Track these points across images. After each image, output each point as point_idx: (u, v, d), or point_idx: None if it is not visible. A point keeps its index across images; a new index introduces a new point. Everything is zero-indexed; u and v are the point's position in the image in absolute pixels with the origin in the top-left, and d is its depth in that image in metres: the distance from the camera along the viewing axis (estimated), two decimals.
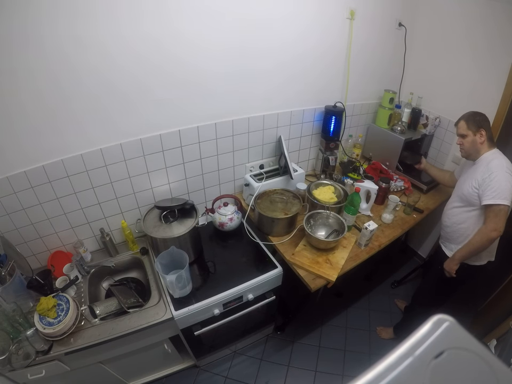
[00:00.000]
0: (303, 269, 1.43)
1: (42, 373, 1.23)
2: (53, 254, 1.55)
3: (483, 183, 1.37)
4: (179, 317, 1.35)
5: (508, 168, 1.34)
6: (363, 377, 0.25)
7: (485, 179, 1.37)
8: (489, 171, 1.36)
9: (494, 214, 1.34)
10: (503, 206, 1.31)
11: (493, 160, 1.40)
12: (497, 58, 1.70)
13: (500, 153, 1.44)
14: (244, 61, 1.54)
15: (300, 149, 2.10)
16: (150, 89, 1.38)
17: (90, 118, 1.32)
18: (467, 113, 1.49)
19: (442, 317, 0.28)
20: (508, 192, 1.30)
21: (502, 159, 1.39)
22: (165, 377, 1.81)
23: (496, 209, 1.32)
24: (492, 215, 1.34)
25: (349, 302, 2.28)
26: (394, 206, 1.74)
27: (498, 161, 1.38)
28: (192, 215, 1.58)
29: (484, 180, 1.37)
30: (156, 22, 1.25)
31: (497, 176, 1.33)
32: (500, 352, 1.40)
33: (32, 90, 1.16)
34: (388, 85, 2.16)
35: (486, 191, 1.35)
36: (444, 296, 1.73)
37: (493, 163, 1.38)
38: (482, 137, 1.43)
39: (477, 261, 1.53)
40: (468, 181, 1.48)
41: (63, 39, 1.12)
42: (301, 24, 1.61)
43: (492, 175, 1.34)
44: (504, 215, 1.32)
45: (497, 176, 1.33)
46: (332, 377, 1.84)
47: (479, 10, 1.73)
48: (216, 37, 1.41)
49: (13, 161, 1.26)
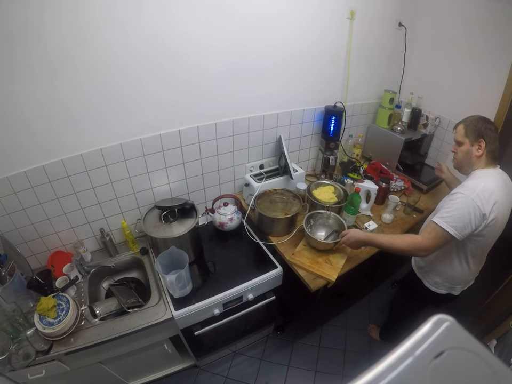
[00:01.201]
0: (303, 269, 1.43)
1: (42, 373, 1.23)
2: (53, 254, 1.55)
3: (446, 199, 1.19)
4: (179, 317, 1.35)
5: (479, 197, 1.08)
6: (363, 377, 0.25)
7: (450, 195, 1.17)
8: (457, 189, 1.15)
9: (434, 234, 1.13)
10: (445, 232, 1.11)
11: (473, 179, 1.16)
12: (497, 58, 1.70)
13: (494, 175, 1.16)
14: (244, 60, 1.54)
15: (300, 149, 2.10)
16: (150, 88, 1.38)
17: (90, 118, 1.32)
18: (471, 116, 1.25)
19: (442, 317, 0.28)
20: (460, 223, 1.09)
21: (483, 182, 1.12)
22: (165, 377, 1.81)
23: (437, 230, 1.12)
24: (432, 234, 1.14)
25: (349, 302, 2.28)
26: (394, 206, 1.74)
27: (475, 183, 1.13)
28: (192, 215, 1.58)
29: (449, 195, 1.18)
30: (158, 17, 1.25)
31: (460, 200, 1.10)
32: (500, 352, 1.40)
33: (31, 90, 1.16)
34: (388, 85, 2.16)
35: (442, 208, 1.16)
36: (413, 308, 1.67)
37: (468, 183, 1.15)
38: (479, 150, 1.19)
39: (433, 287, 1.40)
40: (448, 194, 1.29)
41: (64, 36, 1.12)
42: (300, 24, 1.61)
43: (456, 195, 1.13)
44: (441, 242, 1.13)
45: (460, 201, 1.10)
46: (331, 377, 1.84)
47: (479, 10, 1.73)
48: (217, 34, 1.40)
49: (13, 161, 1.26)
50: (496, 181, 1.15)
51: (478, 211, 1.08)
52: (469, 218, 1.09)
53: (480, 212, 1.08)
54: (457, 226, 1.10)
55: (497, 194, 1.11)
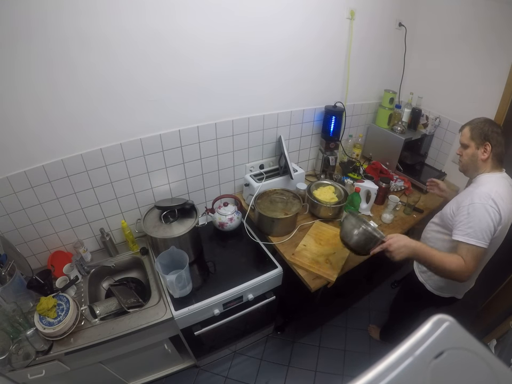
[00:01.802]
0: (303, 269, 1.43)
1: (42, 373, 1.23)
2: (53, 254, 1.55)
3: (461, 212, 1.14)
4: (179, 317, 1.35)
5: (494, 200, 1.08)
6: (363, 377, 0.25)
7: (463, 208, 1.13)
8: (470, 199, 1.12)
9: (465, 253, 1.08)
10: (477, 247, 1.07)
11: (482, 185, 1.14)
12: (497, 58, 1.70)
13: (500, 179, 1.16)
14: (243, 61, 1.54)
15: (300, 149, 2.10)
16: (150, 89, 1.38)
17: (90, 117, 1.32)
18: (477, 119, 1.23)
19: (442, 317, 0.28)
20: (487, 232, 1.07)
21: (493, 186, 1.12)
22: (165, 377, 1.81)
23: (469, 248, 1.08)
24: (464, 254, 1.08)
25: (349, 302, 2.28)
26: (394, 206, 1.74)
27: (487, 189, 1.11)
28: (192, 215, 1.58)
29: (462, 209, 1.14)
30: (158, 18, 1.25)
31: (477, 209, 1.09)
32: (500, 352, 1.40)
33: (31, 90, 1.16)
34: (388, 85, 2.16)
35: (461, 224, 1.12)
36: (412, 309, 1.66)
37: (479, 190, 1.13)
38: (485, 153, 1.17)
39: (438, 291, 1.38)
40: (452, 200, 1.27)
41: (66, 37, 1.12)
42: (300, 24, 1.61)
43: (472, 206, 1.10)
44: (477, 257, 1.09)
45: (477, 210, 1.08)
46: (331, 377, 1.84)
47: (479, 10, 1.73)
48: (217, 34, 1.41)
49: (13, 161, 1.26)
50: (505, 186, 1.14)
51: (497, 215, 1.08)
52: (492, 225, 1.08)
53: (499, 215, 1.08)
54: (486, 237, 1.08)
55: (506, 198, 1.11)
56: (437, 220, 1.35)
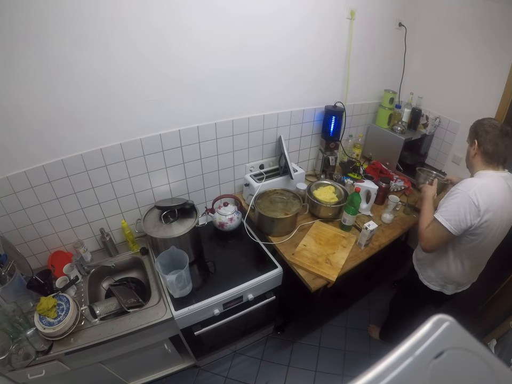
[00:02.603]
0: (303, 269, 1.43)
1: (42, 373, 1.23)
2: (53, 254, 1.55)
3: (446, 195, 1.23)
4: (179, 317, 1.35)
5: (476, 193, 1.10)
6: (363, 377, 0.25)
7: (451, 191, 1.20)
8: (457, 185, 1.18)
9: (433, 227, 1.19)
10: (442, 227, 1.15)
11: (474, 178, 1.20)
12: (497, 58, 1.70)
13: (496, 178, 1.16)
14: (244, 62, 1.54)
15: (300, 149, 2.10)
16: (150, 89, 1.38)
17: (90, 118, 1.32)
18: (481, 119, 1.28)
19: (442, 317, 0.28)
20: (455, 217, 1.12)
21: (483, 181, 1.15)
22: (165, 377, 1.81)
23: (437, 224, 1.17)
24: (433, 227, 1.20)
25: (349, 302, 2.28)
26: (394, 206, 1.74)
27: (475, 181, 1.16)
28: (192, 215, 1.58)
29: (449, 192, 1.21)
30: (159, 19, 1.25)
31: (457, 194, 1.14)
32: (500, 352, 1.40)
33: (32, 90, 1.16)
34: (388, 85, 2.16)
35: (442, 204, 1.21)
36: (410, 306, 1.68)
37: (467, 179, 1.19)
38: (473, 150, 1.23)
39: (426, 280, 1.43)
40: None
41: (63, 37, 1.12)
42: (300, 24, 1.61)
43: (455, 191, 1.17)
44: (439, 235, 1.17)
45: (457, 195, 1.14)
46: (331, 377, 1.84)
47: (478, 10, 1.73)
48: (218, 36, 1.41)
49: (13, 161, 1.26)
50: (499, 183, 1.14)
51: (473, 206, 1.10)
52: (464, 213, 1.11)
53: (475, 207, 1.10)
54: (452, 220, 1.13)
55: (496, 196, 1.11)
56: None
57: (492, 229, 1.15)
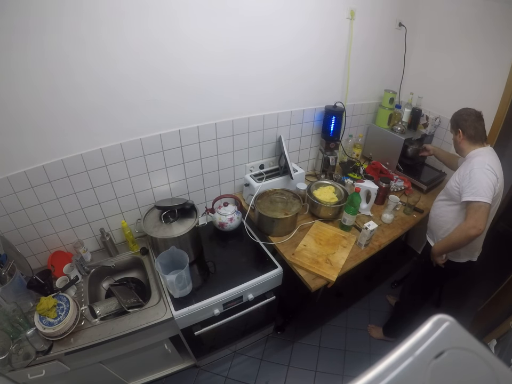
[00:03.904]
0: (303, 269, 1.43)
1: (42, 373, 1.23)
2: (53, 254, 1.55)
3: (464, 179, 1.35)
4: (179, 317, 1.35)
5: (489, 165, 1.30)
6: (363, 377, 0.25)
7: (465, 175, 1.34)
8: (470, 167, 1.34)
9: (473, 211, 1.29)
10: (482, 203, 1.26)
11: (475, 157, 1.37)
12: (497, 58, 1.71)
13: (488, 151, 1.39)
14: (243, 61, 1.54)
15: (300, 149, 2.10)
16: (150, 90, 1.38)
17: (90, 118, 1.32)
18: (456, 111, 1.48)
19: (442, 317, 0.28)
20: (488, 190, 1.27)
21: (485, 156, 1.35)
22: (165, 377, 1.81)
23: (475, 205, 1.28)
24: (472, 212, 1.29)
25: (349, 302, 2.28)
26: (395, 206, 1.74)
27: (481, 158, 1.35)
28: (192, 215, 1.58)
29: (464, 176, 1.35)
30: (157, 23, 1.25)
31: (477, 173, 1.30)
32: (500, 352, 1.40)
33: (32, 90, 1.16)
34: (388, 85, 2.16)
35: (466, 188, 1.32)
36: (427, 289, 1.74)
37: (475, 160, 1.36)
38: (459, 137, 1.44)
39: (455, 258, 1.51)
40: (454, 174, 1.47)
41: (63, 38, 1.12)
42: (300, 24, 1.61)
43: (472, 172, 1.31)
44: (484, 212, 1.27)
45: (477, 173, 1.30)
46: (331, 377, 1.84)
47: (478, 10, 1.73)
48: (217, 38, 1.41)
49: (13, 161, 1.26)
50: (493, 156, 1.38)
51: (493, 175, 1.29)
52: (491, 183, 1.28)
53: (494, 175, 1.29)
54: (488, 194, 1.26)
55: (498, 164, 1.35)
56: (443, 196, 1.54)
57: (500, 192, 1.35)
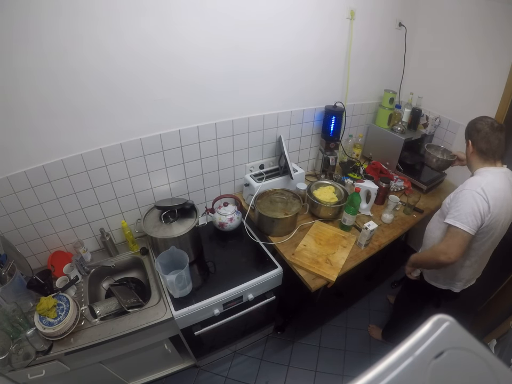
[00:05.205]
0: (303, 269, 1.43)
1: (42, 373, 1.23)
2: (53, 254, 1.55)
3: (453, 199, 1.22)
4: (179, 317, 1.35)
5: (483, 189, 1.12)
6: (363, 377, 0.25)
7: (456, 194, 1.21)
8: (462, 187, 1.19)
9: (449, 236, 1.17)
10: (460, 230, 1.12)
11: (478, 175, 1.21)
12: (497, 59, 1.70)
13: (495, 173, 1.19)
14: (243, 61, 1.54)
15: (300, 149, 2.10)
16: (149, 89, 1.38)
17: (90, 118, 1.32)
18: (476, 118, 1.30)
19: (442, 317, 0.28)
20: (470, 216, 1.11)
21: (486, 177, 1.17)
22: (165, 377, 1.81)
23: (453, 231, 1.15)
24: (448, 236, 1.17)
25: (349, 302, 2.28)
26: (394, 206, 1.74)
27: (480, 178, 1.17)
28: (192, 215, 1.58)
29: (455, 195, 1.22)
30: (154, 21, 1.25)
31: (465, 194, 1.15)
32: (500, 352, 1.40)
33: (32, 90, 1.16)
34: (388, 85, 2.16)
35: (451, 209, 1.19)
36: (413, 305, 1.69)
37: (472, 179, 1.20)
38: (469, 149, 1.27)
39: (433, 280, 1.43)
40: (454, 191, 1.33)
41: (63, 37, 1.12)
42: (300, 24, 1.61)
43: (461, 192, 1.17)
44: (460, 241, 1.13)
45: (465, 195, 1.14)
46: (331, 377, 1.84)
47: (479, 10, 1.73)
48: (215, 37, 1.40)
49: (13, 161, 1.26)
50: (501, 179, 1.17)
51: (484, 202, 1.11)
52: (477, 210, 1.11)
53: (486, 203, 1.11)
54: (470, 221, 1.12)
55: (503, 192, 1.14)
56: (438, 211, 1.41)
57: (499, 224, 1.17)
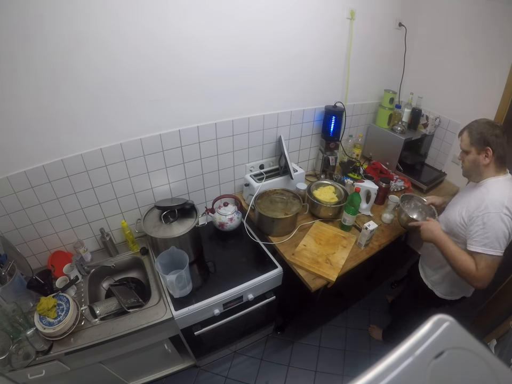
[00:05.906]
0: (303, 269, 1.43)
1: (42, 373, 1.23)
2: (53, 254, 1.55)
3: (474, 222, 1.12)
4: (179, 317, 1.35)
5: (508, 208, 1.06)
6: (363, 377, 0.25)
7: (477, 218, 1.11)
8: (485, 209, 1.09)
9: (485, 264, 1.09)
10: (495, 256, 1.07)
11: (492, 190, 1.12)
12: (498, 58, 1.71)
13: (506, 180, 1.14)
14: (243, 61, 1.54)
15: (300, 149, 2.10)
16: (150, 88, 1.38)
17: (91, 117, 1.32)
18: (475, 122, 1.18)
19: (442, 317, 0.28)
20: (503, 240, 1.07)
21: (503, 190, 1.10)
22: (165, 377, 1.81)
23: (487, 259, 1.08)
24: (483, 265, 1.09)
25: (349, 302, 2.28)
26: (395, 206, 1.73)
27: (499, 195, 1.09)
28: (192, 215, 1.58)
29: (475, 219, 1.12)
30: (157, 18, 1.25)
31: (493, 218, 1.07)
32: (500, 352, 1.40)
33: (32, 89, 1.16)
34: (388, 85, 2.16)
35: (476, 235, 1.10)
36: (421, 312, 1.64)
37: (490, 197, 1.10)
38: (487, 158, 1.13)
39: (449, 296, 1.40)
40: (459, 204, 1.24)
41: (65, 36, 1.12)
42: (300, 24, 1.61)
43: (487, 216, 1.08)
44: (495, 266, 1.09)
45: (493, 219, 1.07)
46: (331, 377, 1.84)
47: (479, 10, 1.73)
48: (217, 36, 1.40)
49: (13, 161, 1.26)
50: (510, 188, 1.12)
51: (510, 222, 1.07)
52: (508, 232, 1.08)
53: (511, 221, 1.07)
54: (502, 245, 1.08)
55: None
56: (443, 226, 1.29)
57: None
